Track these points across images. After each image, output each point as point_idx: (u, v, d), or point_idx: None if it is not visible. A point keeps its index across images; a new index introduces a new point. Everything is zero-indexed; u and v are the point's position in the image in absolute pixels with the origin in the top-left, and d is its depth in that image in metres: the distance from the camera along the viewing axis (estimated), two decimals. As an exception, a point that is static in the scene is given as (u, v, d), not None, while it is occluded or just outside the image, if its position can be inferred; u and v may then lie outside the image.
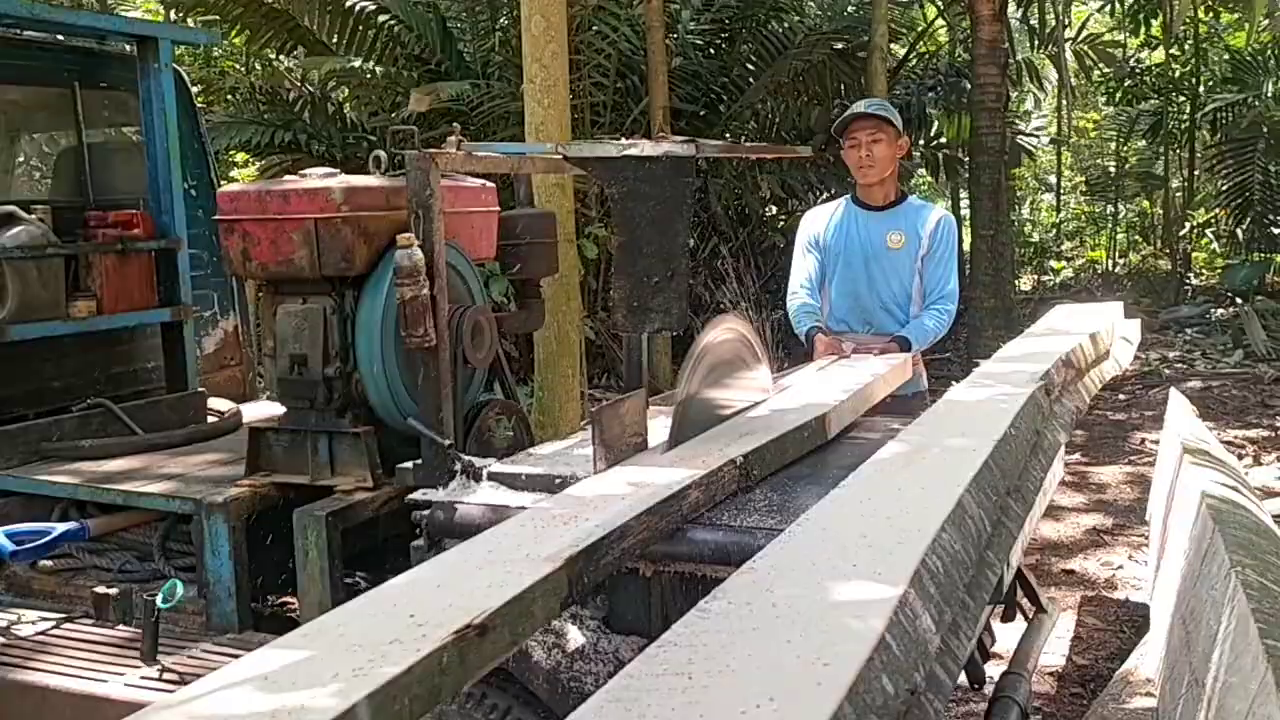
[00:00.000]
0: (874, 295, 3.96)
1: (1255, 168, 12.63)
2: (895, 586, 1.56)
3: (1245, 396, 8.65)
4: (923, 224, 3.96)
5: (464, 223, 3.29)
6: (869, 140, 3.95)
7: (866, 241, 3.96)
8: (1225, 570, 2.22)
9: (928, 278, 3.95)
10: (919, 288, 3.96)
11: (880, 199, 4.02)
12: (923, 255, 3.93)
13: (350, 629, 1.46)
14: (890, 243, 3.94)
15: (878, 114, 3.98)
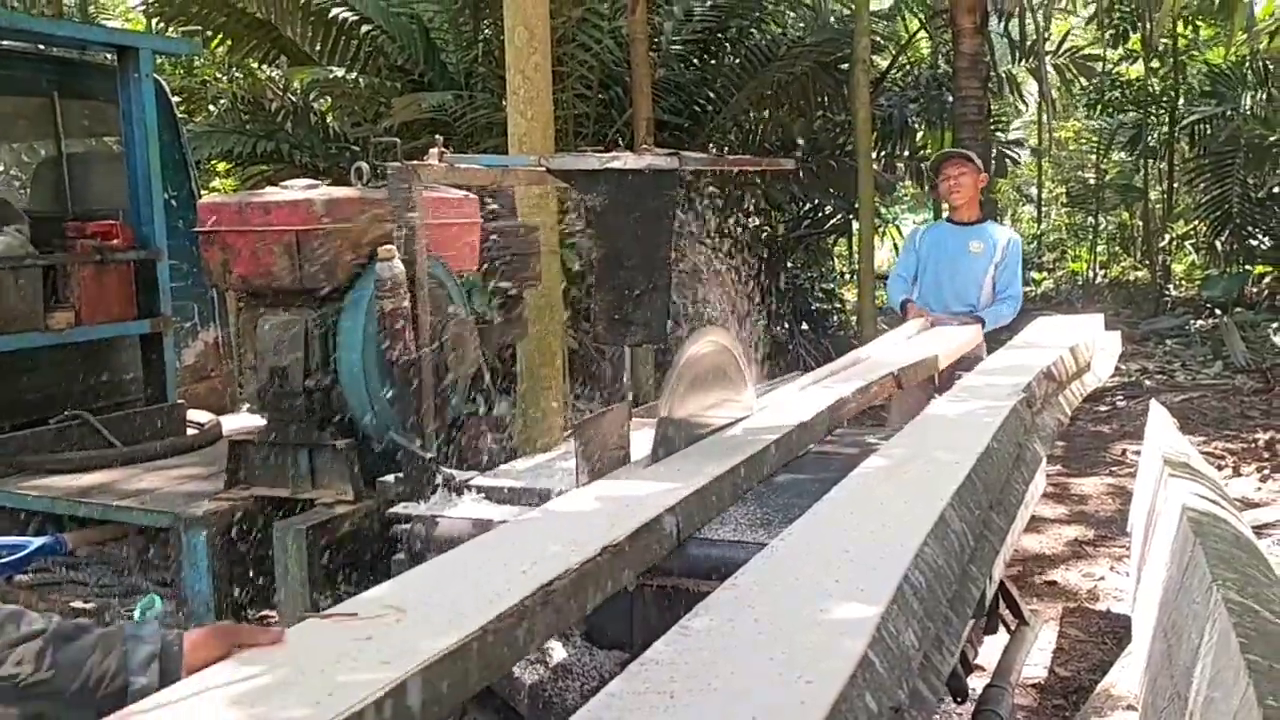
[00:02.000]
0: (952, 287, 5.24)
1: (1233, 180, 12.73)
2: (878, 603, 1.56)
3: (1225, 408, 8.70)
4: (998, 240, 5.28)
5: (446, 234, 3.28)
6: (957, 174, 5.31)
7: (955, 247, 5.27)
8: (1206, 584, 2.22)
9: (1000, 280, 5.22)
10: (987, 288, 5.21)
11: (966, 217, 5.36)
12: (996, 263, 5.21)
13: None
14: (971, 249, 5.23)
15: (965, 154, 5.52)
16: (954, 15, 9.79)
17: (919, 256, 5.40)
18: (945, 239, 5.36)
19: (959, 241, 5.28)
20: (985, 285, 5.23)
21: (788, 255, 11.01)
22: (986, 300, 5.23)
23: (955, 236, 5.32)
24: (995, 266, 5.20)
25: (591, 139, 8.69)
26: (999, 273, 5.21)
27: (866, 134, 9.04)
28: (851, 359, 4.05)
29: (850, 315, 11.76)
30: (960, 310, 5.17)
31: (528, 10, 4.87)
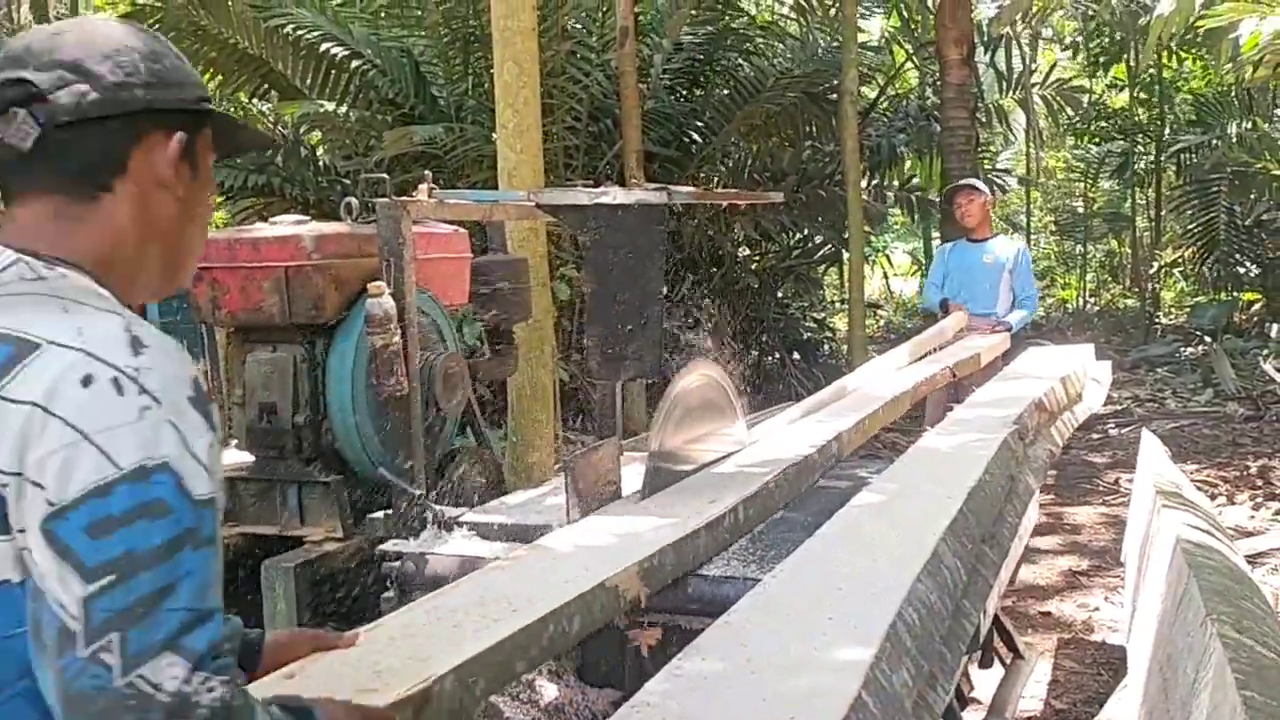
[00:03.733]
0: (971, 294, 6.23)
1: (1220, 208, 12.82)
2: (871, 642, 1.55)
3: (1216, 435, 8.70)
4: (1008, 251, 6.38)
5: (436, 269, 3.29)
6: (966, 202, 6.42)
7: (972, 260, 6.34)
8: (1201, 618, 2.21)
9: (1016, 286, 6.25)
10: (1004, 293, 6.22)
11: (980, 235, 6.42)
12: (1009, 270, 6.23)
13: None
14: (985, 262, 6.29)
15: (974, 185, 6.63)
16: (940, 47, 9.89)
17: (947, 268, 6.48)
18: (964, 254, 6.41)
19: (975, 256, 6.34)
20: (1001, 291, 6.23)
21: (778, 285, 11.03)
22: (1004, 304, 6.24)
23: (972, 252, 6.38)
24: (1009, 274, 6.24)
25: (581, 171, 8.72)
26: (1014, 279, 6.25)
27: (855, 164, 9.09)
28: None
29: (841, 344, 11.78)
30: (980, 313, 6.14)
31: (517, 45, 4.90)
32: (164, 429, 0.99)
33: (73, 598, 0.93)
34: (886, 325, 16.09)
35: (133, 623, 0.94)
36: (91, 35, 1.16)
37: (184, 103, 1.18)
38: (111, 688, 0.92)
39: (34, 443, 0.97)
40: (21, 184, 1.14)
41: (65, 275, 1.10)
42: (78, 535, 0.94)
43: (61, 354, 1.00)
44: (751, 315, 10.53)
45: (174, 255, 1.21)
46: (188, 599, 0.97)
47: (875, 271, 17.17)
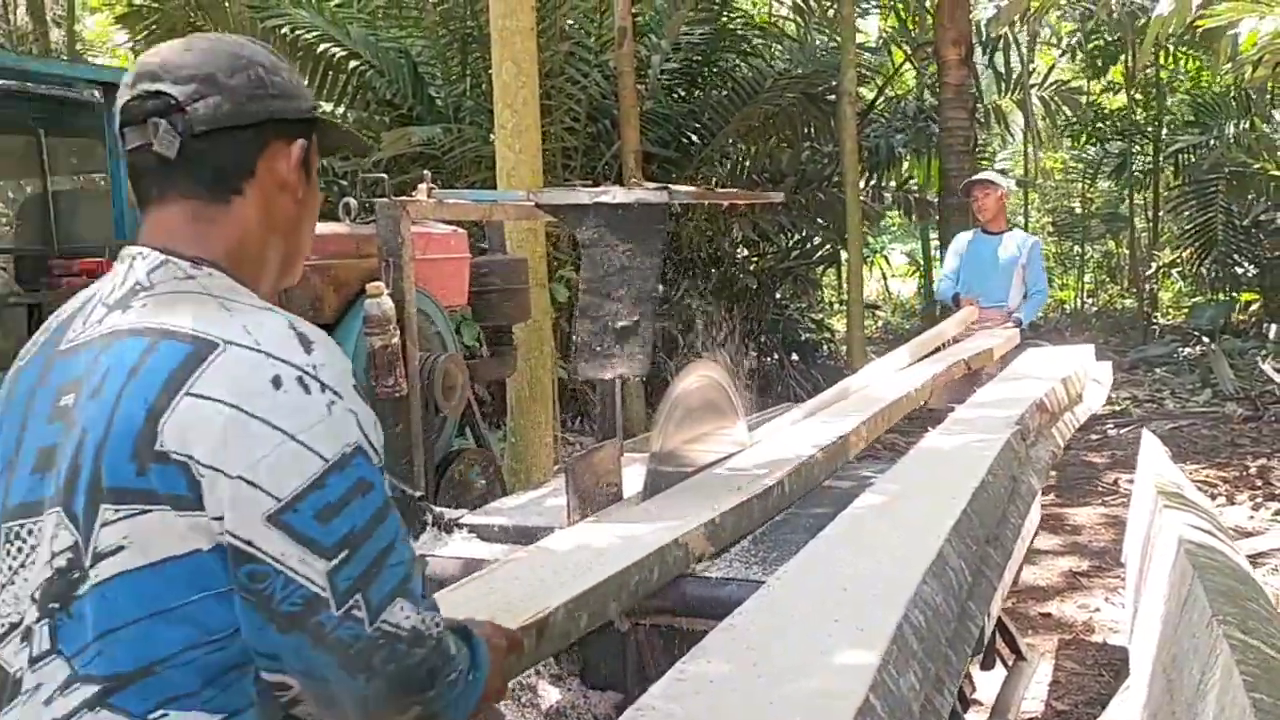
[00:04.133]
0: (984, 286, 6.37)
1: (1218, 208, 12.81)
2: (878, 644, 1.53)
3: (1215, 436, 8.69)
4: (1021, 245, 6.49)
5: (435, 270, 3.27)
6: (982, 195, 6.54)
7: (987, 252, 6.47)
8: (1207, 619, 2.20)
9: (1028, 279, 6.39)
10: (1016, 285, 6.35)
11: (994, 228, 6.55)
12: (1022, 264, 6.38)
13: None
14: (998, 256, 6.41)
15: (989, 179, 6.74)
16: (939, 48, 9.88)
17: (961, 260, 6.60)
18: (979, 246, 6.55)
19: (989, 248, 6.49)
20: (1014, 283, 6.37)
21: (777, 286, 11.02)
22: (1017, 296, 6.39)
23: (986, 244, 6.53)
24: (1022, 267, 6.38)
25: (579, 172, 8.71)
26: (1026, 272, 6.40)
27: (854, 165, 9.09)
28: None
29: (840, 345, 11.77)
30: (991, 305, 6.30)
31: (516, 45, 4.89)
32: (348, 418, 1.14)
33: (317, 573, 1.10)
34: (885, 326, 16.08)
35: (370, 583, 1.12)
36: (220, 50, 1.25)
37: (301, 112, 1.29)
38: (365, 635, 1.11)
39: (240, 445, 1.09)
40: (160, 189, 1.24)
41: (211, 274, 1.21)
42: (310, 524, 1.09)
43: (241, 354, 1.12)
44: (750, 316, 10.51)
45: (292, 251, 1.32)
46: (402, 553, 1.16)
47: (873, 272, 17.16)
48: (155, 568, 1.11)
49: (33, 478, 1.18)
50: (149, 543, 1.11)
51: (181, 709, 1.12)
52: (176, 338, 1.13)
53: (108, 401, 1.12)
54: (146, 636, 1.11)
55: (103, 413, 1.12)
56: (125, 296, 1.20)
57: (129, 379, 1.12)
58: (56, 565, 1.14)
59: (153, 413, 1.10)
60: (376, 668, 1.12)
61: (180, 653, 1.12)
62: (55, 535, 1.14)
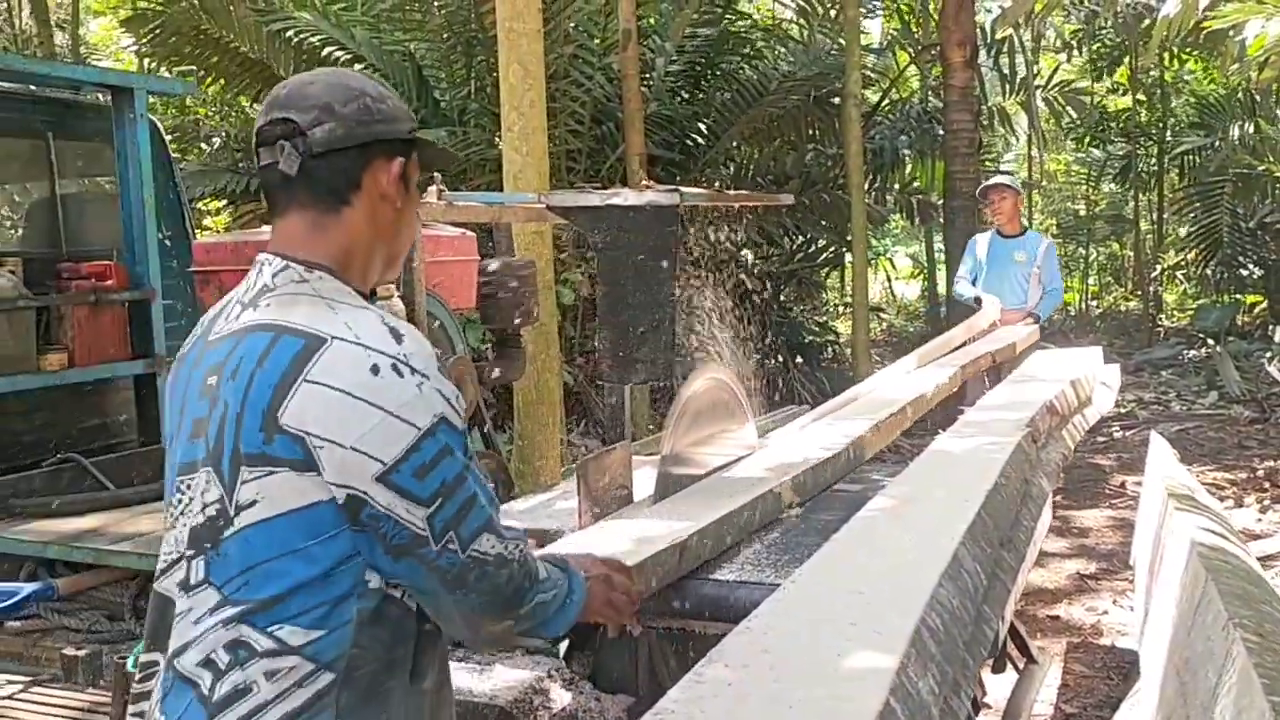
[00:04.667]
0: (1003, 285, 6.61)
1: (1223, 210, 12.79)
2: (896, 649, 1.52)
3: (1221, 438, 8.68)
4: (1036, 246, 6.78)
5: (443, 272, 3.27)
6: (998, 199, 6.82)
7: (1003, 256, 6.73)
8: (1222, 622, 2.19)
9: (1044, 278, 6.66)
10: (1033, 286, 6.63)
11: (1010, 231, 6.83)
12: (1037, 265, 6.65)
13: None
14: (1015, 258, 6.70)
15: (1005, 184, 7.11)
16: (944, 50, 9.87)
17: (976, 260, 6.84)
18: (995, 248, 6.80)
19: (1005, 251, 6.75)
20: (1030, 284, 6.64)
21: (781, 288, 11.01)
22: (1034, 295, 6.63)
23: (1002, 247, 6.78)
24: (1037, 268, 6.64)
25: (584, 174, 8.71)
26: (1042, 272, 6.66)
27: (858, 167, 9.08)
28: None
29: (844, 348, 11.76)
30: (1009, 308, 6.46)
31: (522, 48, 4.89)
32: (434, 395, 1.39)
33: (418, 518, 1.38)
34: (889, 329, 16.06)
35: (460, 522, 1.41)
36: (337, 84, 1.50)
37: (401, 133, 1.53)
38: (460, 561, 1.42)
39: (350, 421, 1.35)
40: (285, 202, 1.50)
41: (321, 277, 1.46)
42: (409, 480, 1.37)
43: (345, 347, 1.37)
44: (754, 319, 10.50)
45: (392, 251, 1.57)
46: (484, 499, 1.45)
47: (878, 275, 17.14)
48: (283, 517, 1.38)
49: (190, 443, 1.47)
50: (276, 498, 1.38)
51: (294, 624, 1.39)
52: (292, 333, 1.39)
53: (242, 384, 1.39)
54: (279, 572, 1.38)
55: (239, 392, 1.39)
56: (255, 297, 1.47)
57: (258, 366, 1.39)
58: (208, 513, 1.42)
59: (276, 394, 1.36)
60: (471, 584, 1.44)
61: (304, 584, 1.38)
62: (206, 489, 1.43)
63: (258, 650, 1.38)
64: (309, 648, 1.39)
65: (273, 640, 1.38)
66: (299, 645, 1.38)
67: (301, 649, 1.38)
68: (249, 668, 1.38)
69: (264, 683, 1.38)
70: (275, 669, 1.38)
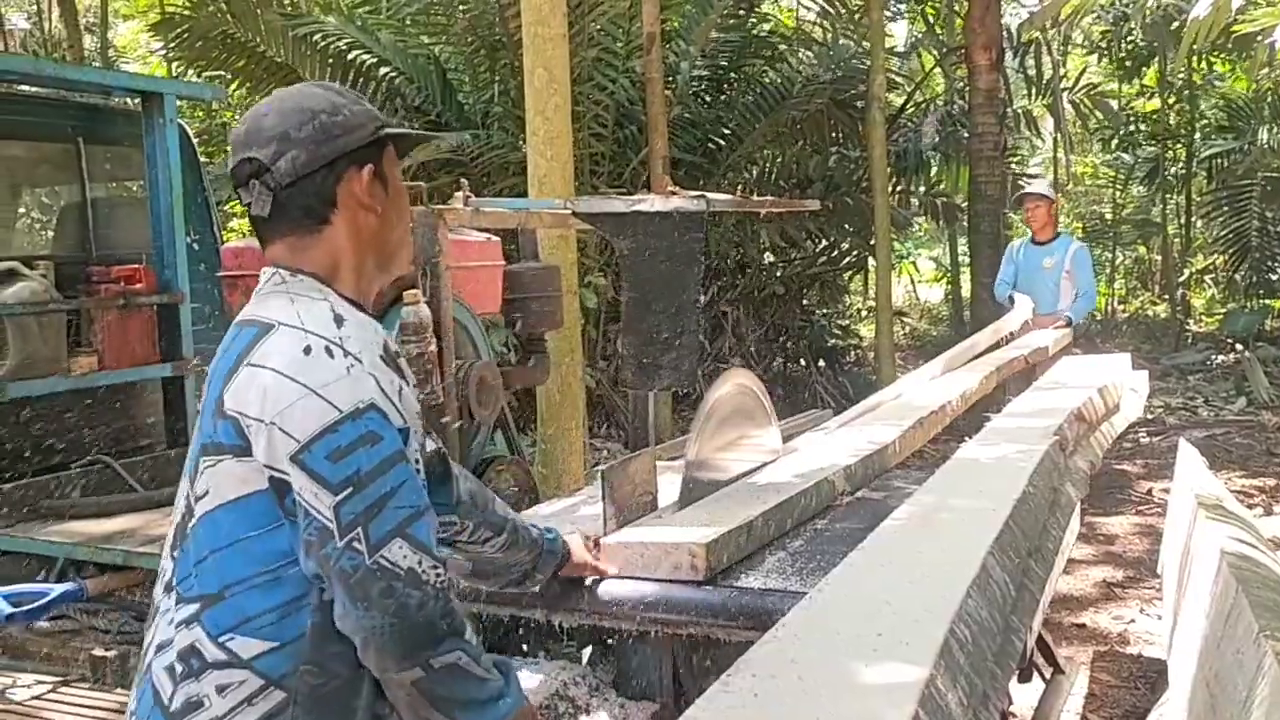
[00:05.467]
0: (1035, 290, 6.89)
1: (1252, 214, 12.65)
2: (924, 660, 1.51)
3: (1250, 445, 8.59)
4: (1067, 253, 7.04)
5: (469, 277, 3.28)
6: (1033, 207, 7.19)
7: (1034, 261, 7.08)
8: (1253, 634, 2.16)
9: (1077, 283, 6.96)
10: (1065, 290, 6.93)
11: (1043, 238, 7.14)
12: (1067, 270, 6.94)
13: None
14: (1044, 265, 7.02)
15: (1041, 192, 7.44)
16: (969, 52, 9.82)
17: (1015, 265, 7.19)
18: (1029, 256, 7.16)
19: (1037, 258, 7.08)
20: (1063, 290, 6.93)
21: (804, 292, 10.98)
22: (1065, 300, 6.91)
23: (1035, 253, 7.11)
24: (1067, 274, 6.94)
25: (608, 177, 8.71)
26: (1074, 277, 6.96)
27: (882, 171, 9.04)
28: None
29: (868, 351, 11.71)
30: (1044, 312, 6.74)
31: (548, 52, 4.89)
32: (366, 379, 1.35)
33: (325, 506, 1.31)
34: (912, 333, 15.98)
35: (370, 519, 1.31)
36: (288, 109, 1.49)
37: (365, 140, 1.50)
38: (363, 566, 1.30)
39: (274, 398, 1.33)
40: (269, 234, 1.51)
41: (302, 279, 1.47)
42: (322, 462, 1.31)
43: (286, 331, 1.38)
44: (777, 322, 10.47)
45: (384, 253, 1.56)
46: (407, 499, 1.34)
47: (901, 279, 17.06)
48: (227, 507, 1.37)
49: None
50: (222, 487, 1.38)
51: (245, 635, 1.35)
52: (252, 323, 1.43)
53: (209, 379, 1.44)
54: (222, 564, 1.36)
55: (210, 387, 1.43)
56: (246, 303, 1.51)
57: (221, 358, 1.43)
58: (180, 511, 1.45)
59: (226, 382, 1.39)
60: (374, 599, 1.31)
61: (246, 579, 1.35)
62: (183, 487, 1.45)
63: (209, 661, 1.36)
64: (259, 661, 1.35)
65: (223, 651, 1.35)
66: (249, 659, 1.35)
67: (252, 663, 1.35)
68: (202, 679, 1.36)
69: (215, 697, 1.35)
70: (226, 683, 1.35)
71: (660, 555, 2.20)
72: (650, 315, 2.70)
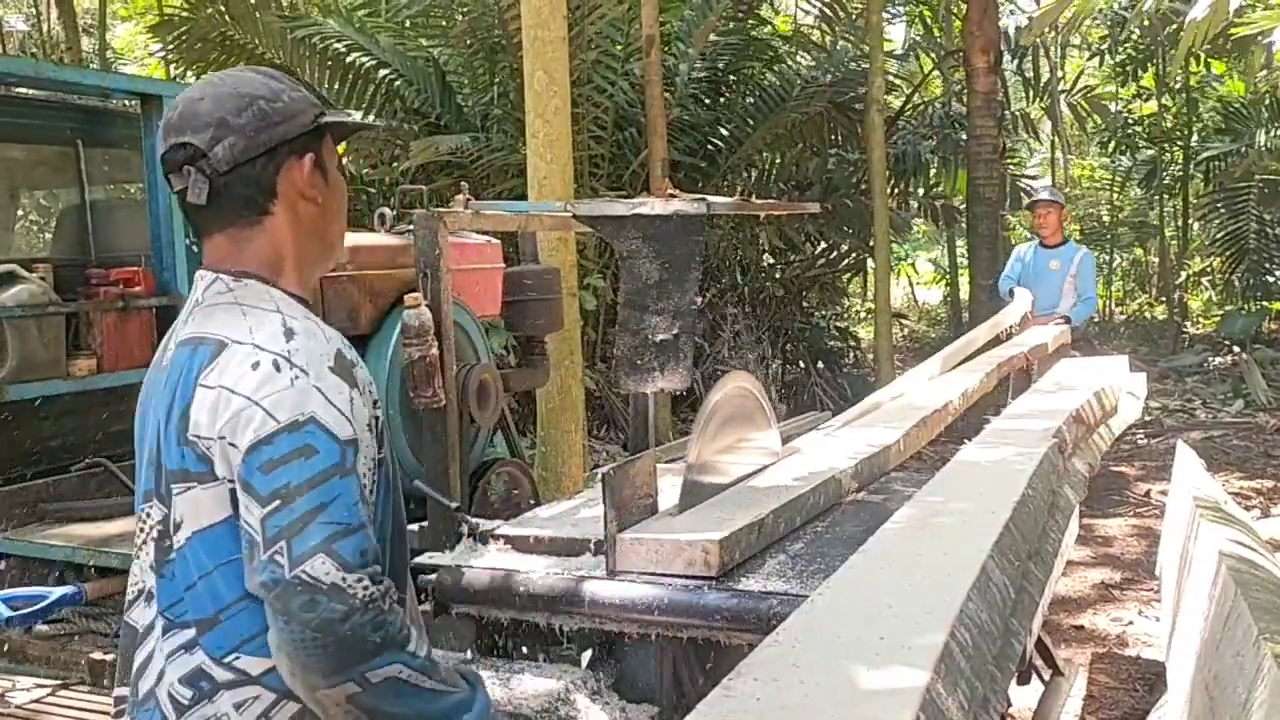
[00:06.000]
0: (1040, 292, 7.12)
1: (1249, 216, 12.67)
2: (926, 664, 1.52)
3: (1248, 446, 8.61)
4: (1072, 258, 7.35)
5: (469, 280, 3.27)
6: (1044, 213, 7.51)
7: (1042, 264, 7.39)
8: (1253, 637, 2.17)
9: (1079, 287, 7.24)
10: (1067, 294, 7.19)
11: (1051, 243, 7.47)
12: (1071, 275, 7.24)
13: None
14: (1050, 267, 7.33)
15: (1050, 199, 7.69)
16: (967, 55, 9.83)
17: (1023, 265, 7.48)
18: (1036, 259, 7.45)
19: (1043, 261, 7.39)
20: (1065, 293, 7.20)
21: (803, 294, 10.98)
22: (1068, 305, 7.16)
23: (1042, 256, 7.42)
24: (1071, 278, 7.21)
25: (607, 180, 8.72)
26: (1077, 281, 7.24)
27: (881, 173, 9.05)
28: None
29: (867, 353, 11.72)
30: (1044, 313, 6.98)
31: (547, 55, 4.90)
32: (311, 393, 1.32)
33: (254, 518, 1.29)
34: (911, 334, 15.99)
35: (295, 534, 1.27)
36: (225, 94, 1.44)
37: (305, 127, 1.47)
38: (284, 579, 1.27)
39: (221, 412, 1.32)
40: (207, 223, 1.48)
41: (247, 285, 1.44)
42: (254, 473, 1.30)
43: (238, 349, 1.36)
44: (776, 324, 10.48)
45: (324, 244, 1.54)
46: (336, 515, 1.29)
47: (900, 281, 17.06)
48: (204, 533, 1.36)
49: (145, 469, 1.45)
50: (197, 514, 1.36)
51: (249, 653, 1.35)
52: (205, 342, 1.39)
53: (166, 401, 1.40)
54: (213, 588, 1.36)
55: (164, 411, 1.40)
56: (188, 314, 1.47)
57: (179, 381, 1.39)
58: (153, 537, 1.42)
59: (186, 407, 1.37)
60: (294, 612, 1.26)
61: (238, 600, 1.35)
62: (152, 514, 1.42)
63: (220, 682, 1.35)
64: (268, 677, 1.34)
65: (232, 671, 1.35)
66: (258, 674, 1.35)
67: (261, 678, 1.35)
68: (217, 700, 1.36)
69: (234, 714, 1.35)
70: (241, 700, 1.35)
71: (674, 552, 2.22)
72: (647, 317, 2.70)
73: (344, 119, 1.60)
